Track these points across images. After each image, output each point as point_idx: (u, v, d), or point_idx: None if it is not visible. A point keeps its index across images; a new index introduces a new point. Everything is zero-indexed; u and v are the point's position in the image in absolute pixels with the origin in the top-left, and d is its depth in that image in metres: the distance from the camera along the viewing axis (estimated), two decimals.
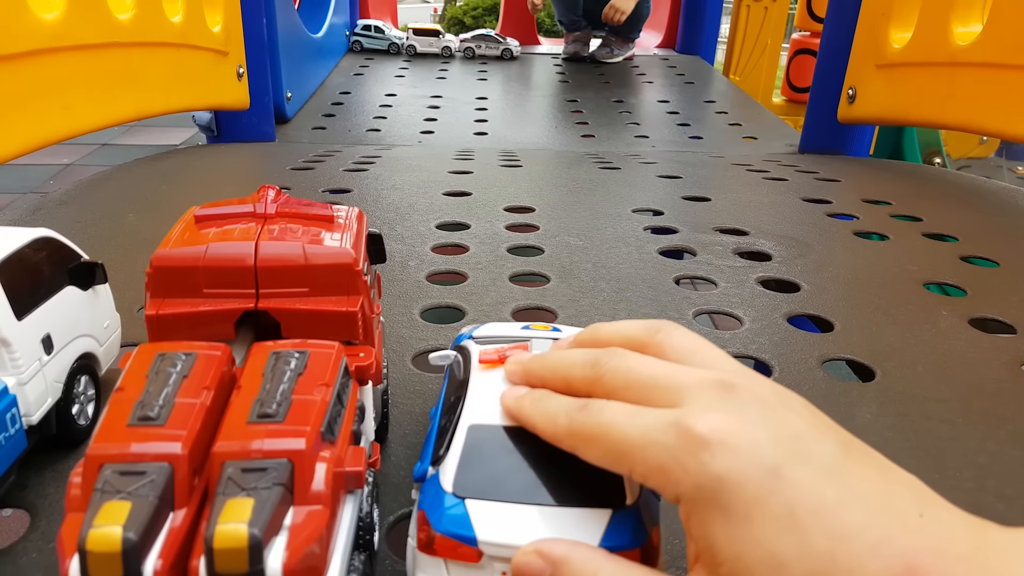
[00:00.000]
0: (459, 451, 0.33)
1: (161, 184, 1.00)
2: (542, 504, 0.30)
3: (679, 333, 0.33)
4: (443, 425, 0.36)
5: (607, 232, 0.85)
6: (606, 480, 0.30)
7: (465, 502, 0.31)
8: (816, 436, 0.27)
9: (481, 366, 0.38)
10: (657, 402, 0.29)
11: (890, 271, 0.75)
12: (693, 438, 0.26)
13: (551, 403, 0.32)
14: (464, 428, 0.34)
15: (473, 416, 0.34)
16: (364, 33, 2.53)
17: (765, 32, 2.75)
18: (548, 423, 0.31)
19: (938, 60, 1.10)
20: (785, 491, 0.25)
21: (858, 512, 0.25)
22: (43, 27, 0.80)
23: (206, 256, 0.41)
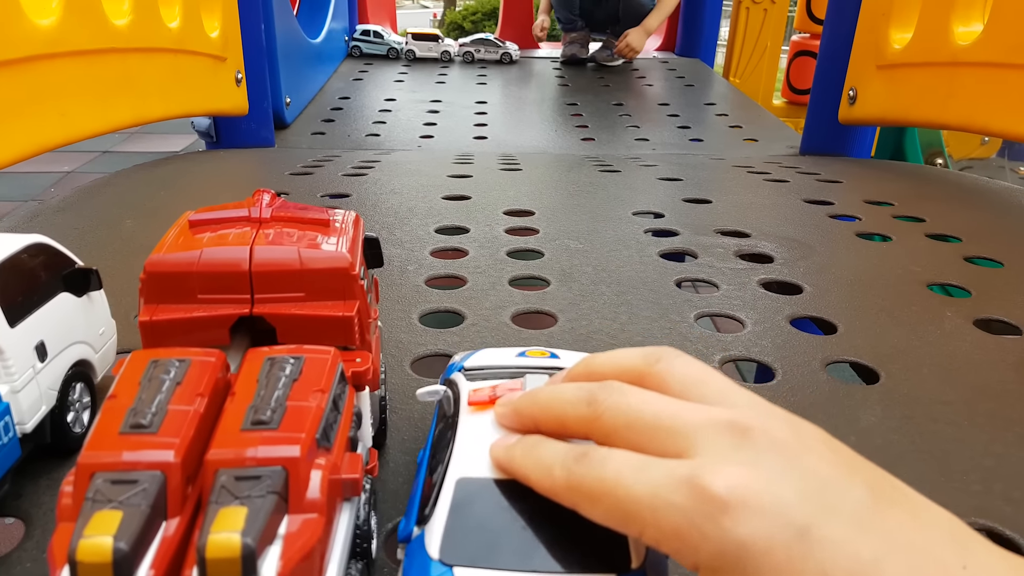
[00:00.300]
0: (446, 510, 0.29)
1: (159, 190, 1.00)
2: (538, 571, 0.27)
3: (681, 361, 0.30)
4: (429, 477, 0.33)
5: (607, 235, 0.85)
6: (609, 540, 0.27)
7: (453, 571, 0.27)
8: (843, 482, 0.25)
9: (471, 408, 0.35)
10: (664, 448, 0.26)
11: (893, 272, 0.74)
12: (711, 499, 0.24)
13: (545, 452, 0.28)
14: (452, 482, 0.30)
15: (462, 468, 0.31)
16: (363, 38, 2.53)
17: (765, 34, 2.75)
18: (544, 476, 0.28)
19: (939, 60, 1.10)
20: (817, 554, 0.23)
21: (898, 569, 0.23)
22: (39, 33, 0.80)
23: (200, 261, 0.40)
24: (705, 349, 0.58)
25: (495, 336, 0.60)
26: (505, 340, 0.59)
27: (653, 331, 0.61)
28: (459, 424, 0.34)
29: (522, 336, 0.60)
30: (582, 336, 0.60)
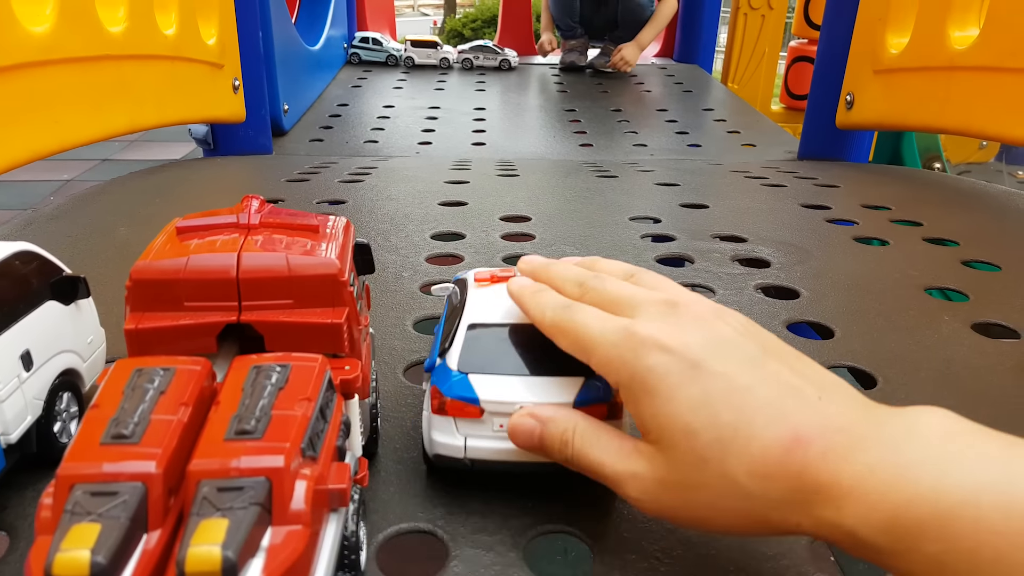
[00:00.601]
0: (461, 341, 0.42)
1: (154, 198, 0.99)
2: (530, 375, 0.39)
3: (652, 273, 0.42)
4: (446, 329, 0.45)
5: (604, 240, 0.84)
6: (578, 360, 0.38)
7: (468, 376, 0.40)
8: (741, 341, 0.35)
9: (476, 284, 0.46)
10: (620, 314, 0.37)
11: (891, 276, 0.74)
12: (634, 337, 0.35)
13: (544, 297, 0.40)
14: (464, 326, 0.42)
15: (472, 318, 0.43)
16: (362, 45, 2.53)
17: (763, 40, 2.75)
18: (538, 312, 0.39)
19: (935, 64, 1.10)
20: (703, 379, 0.33)
21: (763, 394, 0.32)
22: (32, 40, 0.80)
23: (187, 268, 0.40)
24: None
25: None
26: None
27: None
28: (468, 296, 0.45)
29: None
30: None
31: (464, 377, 0.40)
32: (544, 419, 0.37)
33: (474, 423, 0.39)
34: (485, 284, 0.46)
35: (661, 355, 0.33)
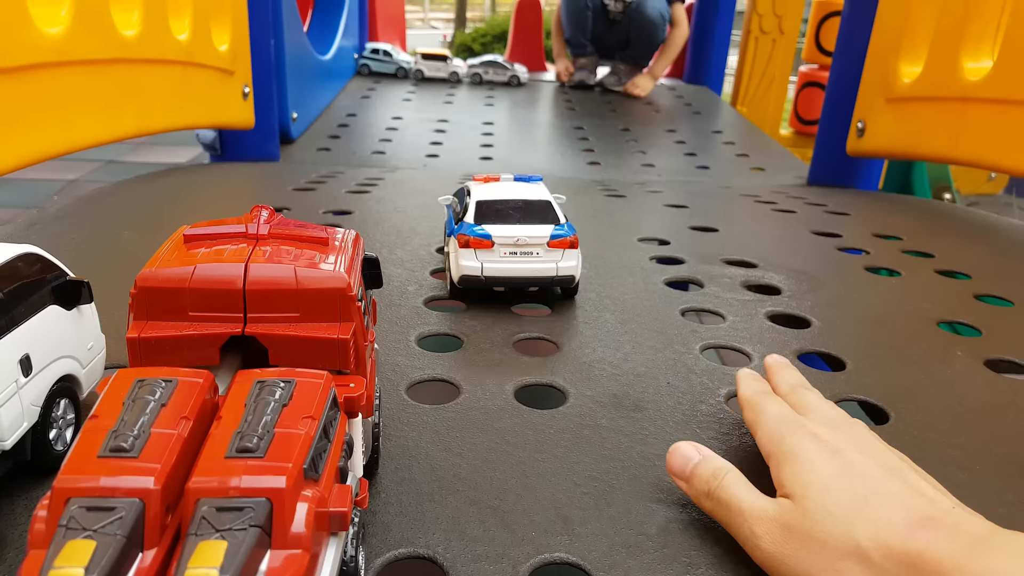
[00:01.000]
0: (473, 208, 0.67)
1: (160, 202, 0.99)
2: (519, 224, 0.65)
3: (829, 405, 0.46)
4: (458, 211, 0.70)
5: (612, 261, 0.83)
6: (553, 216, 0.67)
7: (482, 224, 0.65)
8: (888, 455, 0.39)
9: (475, 183, 0.73)
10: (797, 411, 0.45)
11: (903, 309, 0.73)
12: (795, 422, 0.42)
13: (766, 415, 0.44)
14: (474, 202, 0.68)
15: (477, 197, 0.68)
16: (372, 56, 2.54)
17: (773, 64, 2.75)
18: (753, 424, 0.45)
19: (948, 95, 1.09)
20: (843, 459, 0.38)
21: (896, 486, 0.36)
22: (46, 41, 0.79)
23: (193, 277, 0.39)
24: (710, 383, 0.57)
25: (495, 363, 0.58)
26: (505, 367, 0.58)
27: (657, 362, 0.59)
28: (471, 188, 0.70)
29: (522, 362, 0.58)
30: (584, 365, 0.58)
31: (479, 225, 0.66)
32: (705, 454, 0.42)
33: (487, 252, 0.65)
34: (481, 182, 0.74)
35: (812, 438, 0.40)
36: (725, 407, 0.54)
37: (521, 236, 0.64)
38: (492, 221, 0.66)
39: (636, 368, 0.58)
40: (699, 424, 0.52)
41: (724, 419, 0.52)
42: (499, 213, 0.66)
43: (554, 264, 0.65)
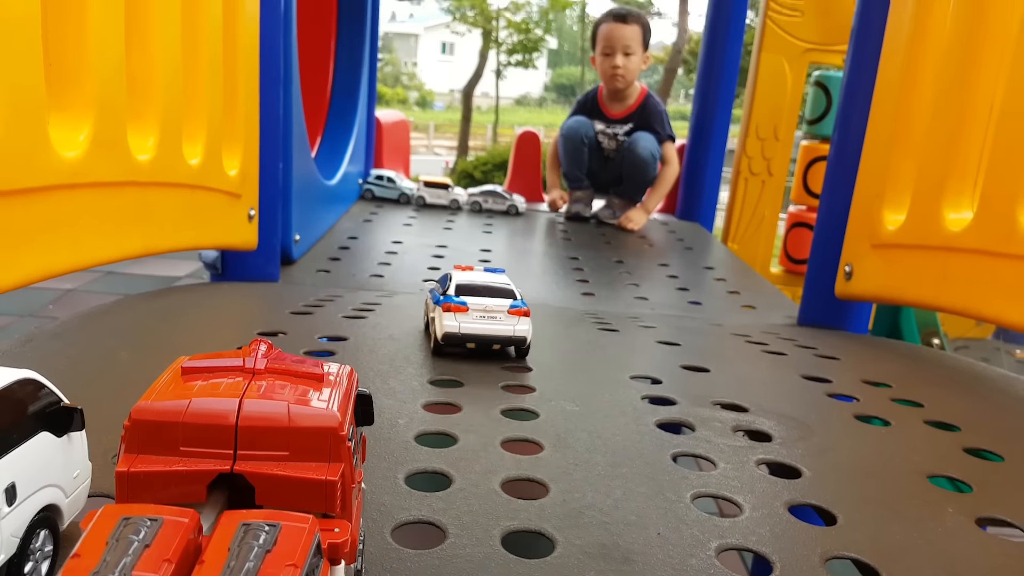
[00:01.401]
0: (454, 287, 0.94)
1: (158, 323, 1.00)
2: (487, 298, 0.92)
3: None
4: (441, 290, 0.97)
5: (604, 399, 0.84)
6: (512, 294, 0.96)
7: (459, 296, 0.92)
8: None
9: (456, 270, 0.99)
10: None
11: (893, 461, 0.73)
12: None
13: None
14: (455, 283, 0.95)
15: (457, 280, 0.96)
16: (376, 182, 2.62)
17: (762, 204, 2.85)
18: None
19: (931, 244, 1.13)
20: None
21: None
22: (63, 164, 0.83)
23: (187, 412, 0.39)
24: (701, 535, 0.56)
25: (483, 505, 0.57)
26: (494, 510, 0.57)
27: (648, 510, 0.59)
28: (452, 275, 0.98)
29: (511, 507, 0.58)
30: (574, 511, 0.58)
31: (458, 297, 0.92)
32: None
33: (463, 315, 0.91)
34: (460, 270, 1.00)
35: None
36: (715, 562, 0.53)
37: (488, 305, 0.92)
38: (467, 295, 0.93)
39: (626, 516, 0.58)
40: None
41: (714, 575, 0.51)
42: (473, 290, 0.94)
43: (511, 327, 0.93)
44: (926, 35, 1.20)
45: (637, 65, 2.50)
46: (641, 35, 2.48)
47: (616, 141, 2.56)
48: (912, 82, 1.22)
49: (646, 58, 2.54)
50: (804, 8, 2.66)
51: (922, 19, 1.21)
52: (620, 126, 2.55)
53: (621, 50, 2.46)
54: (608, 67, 2.50)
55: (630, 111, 2.54)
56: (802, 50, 2.71)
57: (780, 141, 2.78)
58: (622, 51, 2.46)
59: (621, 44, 2.46)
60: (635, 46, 2.47)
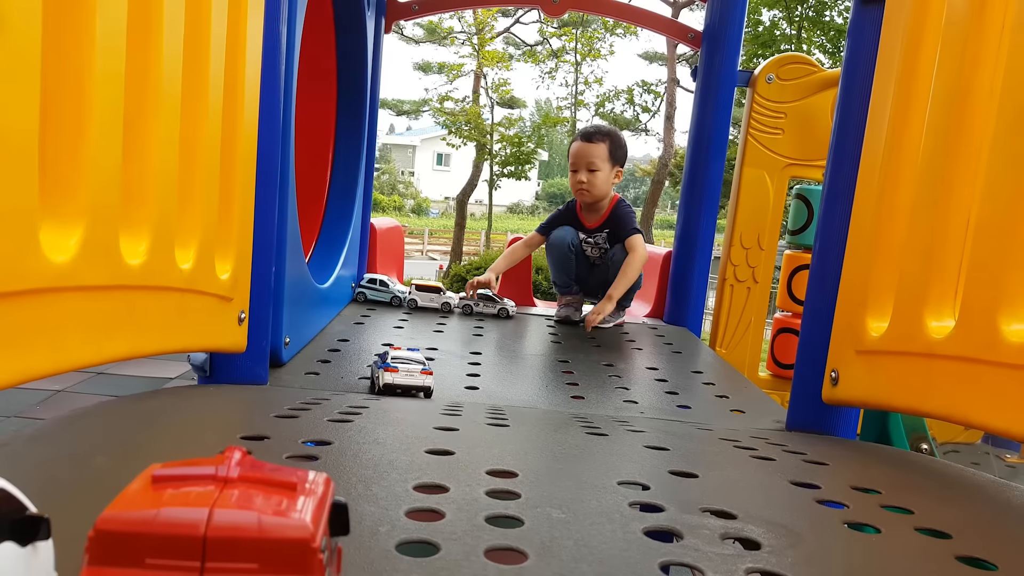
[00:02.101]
0: (388, 358, 1.56)
1: (139, 427, 0.98)
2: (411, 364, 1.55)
3: None
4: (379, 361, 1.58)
5: (591, 505, 0.82)
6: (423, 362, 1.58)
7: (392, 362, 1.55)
8: None
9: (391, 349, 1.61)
10: None
11: (885, 569, 0.71)
12: None
13: None
14: (390, 356, 1.56)
15: (392, 354, 1.57)
16: (369, 286, 2.65)
17: (748, 310, 2.88)
18: None
19: (915, 351, 1.14)
20: None
21: None
22: (51, 268, 0.83)
23: (155, 521, 0.39)
24: None
25: None
26: None
27: None
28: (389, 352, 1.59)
29: None
30: None
31: (391, 363, 1.53)
32: None
33: (394, 373, 1.51)
34: (394, 348, 1.61)
35: None
36: None
37: (409, 368, 1.53)
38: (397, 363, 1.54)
39: None
40: None
41: None
42: (400, 360, 1.55)
43: (422, 380, 1.52)
44: (902, 148, 1.25)
45: (604, 180, 2.59)
46: (607, 152, 2.56)
47: (599, 249, 2.64)
48: (890, 194, 1.27)
49: (618, 172, 2.62)
50: (784, 126, 2.80)
51: (898, 132, 1.26)
52: (598, 234, 2.65)
53: (585, 167, 2.57)
54: (575, 182, 2.62)
55: (603, 219, 2.65)
56: (783, 165, 2.83)
57: (764, 250, 2.85)
58: (586, 168, 2.56)
59: (585, 161, 2.57)
60: (600, 163, 2.56)
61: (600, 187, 2.59)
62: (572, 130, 20.64)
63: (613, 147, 2.58)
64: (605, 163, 2.57)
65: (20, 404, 3.35)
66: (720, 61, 2.76)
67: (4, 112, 0.73)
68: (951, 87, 1.15)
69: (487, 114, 15.12)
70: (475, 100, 15.30)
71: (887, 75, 1.33)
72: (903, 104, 1.26)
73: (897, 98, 1.28)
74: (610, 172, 2.59)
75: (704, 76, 2.81)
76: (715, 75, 2.77)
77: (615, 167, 2.60)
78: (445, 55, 16.53)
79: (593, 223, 2.66)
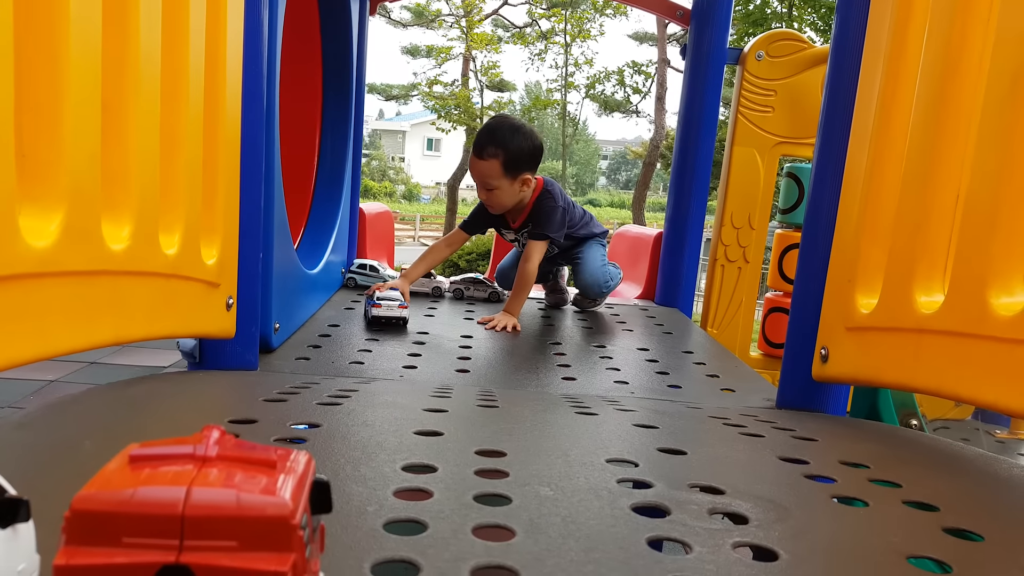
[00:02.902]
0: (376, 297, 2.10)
1: (127, 412, 0.98)
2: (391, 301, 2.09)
3: None
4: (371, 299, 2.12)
5: (579, 482, 0.82)
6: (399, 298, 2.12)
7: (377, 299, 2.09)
8: None
9: (377, 290, 2.20)
10: None
11: (871, 542, 0.71)
12: None
13: None
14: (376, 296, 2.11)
15: (378, 295, 2.11)
16: (359, 271, 2.64)
17: (739, 290, 2.89)
18: None
19: (905, 326, 1.14)
20: None
21: None
22: (31, 253, 0.82)
23: (131, 500, 0.38)
24: None
25: None
26: None
27: None
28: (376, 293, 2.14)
29: None
30: None
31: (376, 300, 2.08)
32: None
33: (379, 308, 2.05)
34: (379, 289, 2.20)
35: None
36: None
37: (391, 304, 2.03)
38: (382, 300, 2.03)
39: None
40: None
41: None
42: (384, 299, 2.05)
43: (401, 313, 2.05)
44: (891, 124, 1.25)
45: (507, 194, 2.33)
46: (500, 169, 2.26)
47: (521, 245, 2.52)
48: (879, 170, 1.26)
49: (524, 179, 2.32)
50: (774, 104, 2.78)
51: (887, 108, 1.26)
52: (523, 232, 2.47)
53: (482, 186, 2.33)
54: (481, 196, 2.39)
55: (523, 219, 2.44)
56: (773, 143, 2.81)
57: (755, 229, 2.84)
58: (483, 187, 2.33)
59: (481, 180, 2.32)
60: (494, 181, 2.28)
61: (504, 201, 2.35)
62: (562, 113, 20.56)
63: (508, 160, 2.26)
64: (501, 179, 2.28)
65: (13, 394, 3.34)
66: (709, 39, 2.74)
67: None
68: (939, 62, 1.14)
69: (477, 98, 15.05)
70: (464, 84, 15.22)
71: (876, 50, 1.32)
72: (892, 79, 1.26)
73: (886, 74, 1.27)
74: (511, 185, 2.31)
75: (693, 54, 2.79)
76: (704, 53, 2.74)
77: (518, 177, 2.30)
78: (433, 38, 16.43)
79: (516, 222, 2.47)
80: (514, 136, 2.28)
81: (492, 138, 2.27)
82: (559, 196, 2.44)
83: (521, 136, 2.29)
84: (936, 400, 2.21)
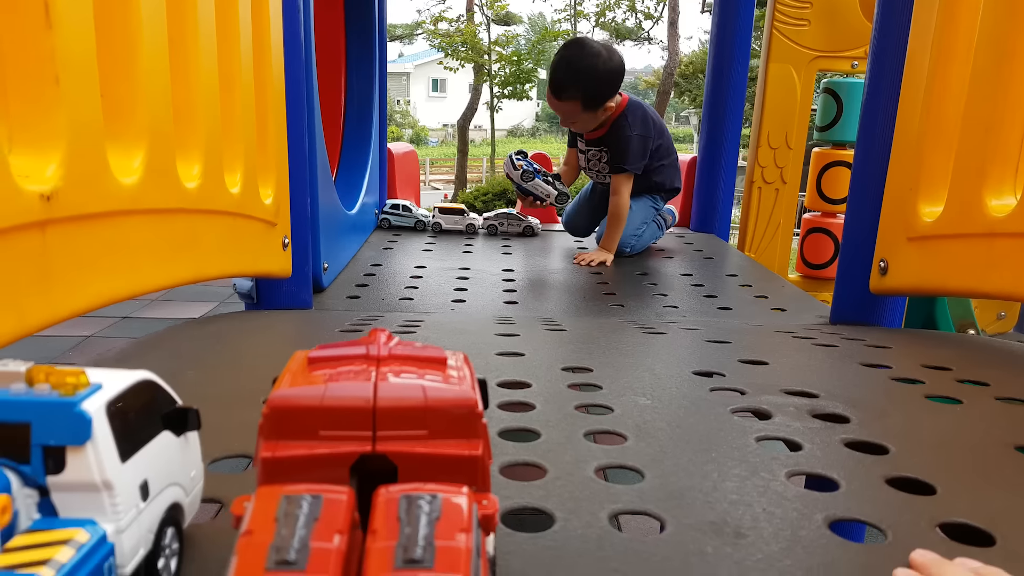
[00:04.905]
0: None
1: (215, 345, 1.00)
2: None
3: None
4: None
5: (673, 392, 0.83)
6: None
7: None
8: None
9: None
10: None
11: (975, 435, 0.72)
12: None
13: None
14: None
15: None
16: (392, 211, 2.64)
17: (777, 212, 2.86)
18: None
19: (974, 231, 1.13)
20: None
21: None
22: (122, 191, 0.83)
23: (324, 397, 0.39)
24: (804, 508, 0.56)
25: (583, 491, 0.57)
26: (594, 494, 0.57)
27: (747, 489, 0.58)
28: None
29: (611, 492, 0.57)
30: (675, 492, 0.57)
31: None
32: None
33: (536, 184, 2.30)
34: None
35: None
36: (826, 532, 0.52)
37: None
38: None
39: (727, 495, 0.57)
40: (804, 548, 0.50)
41: (828, 545, 0.51)
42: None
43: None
44: (957, 15, 1.20)
45: (589, 123, 2.29)
46: (581, 107, 2.22)
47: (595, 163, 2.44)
48: (943, 70, 1.23)
49: (605, 107, 2.24)
50: (810, 16, 2.69)
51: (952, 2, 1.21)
52: (593, 148, 2.40)
53: (566, 120, 2.31)
54: (563, 123, 2.36)
55: (601, 133, 2.34)
56: (810, 58, 2.73)
57: (792, 149, 2.79)
58: (567, 121, 2.31)
59: (563, 115, 2.30)
60: (576, 115, 2.25)
61: (587, 127, 2.31)
62: None
63: (587, 98, 2.20)
64: (582, 114, 2.24)
65: (53, 351, 3.40)
66: None
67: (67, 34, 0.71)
68: None
69: (483, 33, 14.75)
70: (470, 18, 14.89)
71: None
72: None
73: None
74: (593, 116, 2.25)
75: None
76: None
77: (600, 107, 2.23)
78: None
79: (592, 134, 2.38)
80: (592, 71, 2.18)
81: (569, 75, 2.19)
82: (639, 123, 2.31)
83: (599, 68, 2.19)
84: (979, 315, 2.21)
